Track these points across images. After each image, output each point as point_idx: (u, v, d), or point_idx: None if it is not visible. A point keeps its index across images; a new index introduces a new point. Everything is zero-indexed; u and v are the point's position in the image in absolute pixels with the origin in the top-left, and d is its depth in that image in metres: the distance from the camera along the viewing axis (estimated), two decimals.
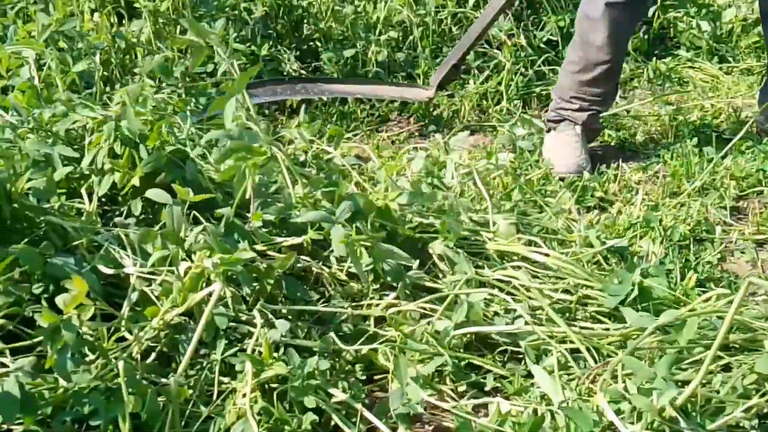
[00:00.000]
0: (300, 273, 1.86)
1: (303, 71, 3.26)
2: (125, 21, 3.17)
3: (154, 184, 1.85)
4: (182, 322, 1.63)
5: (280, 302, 1.75)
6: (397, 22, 3.43)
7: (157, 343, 1.61)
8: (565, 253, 2.03)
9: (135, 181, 1.86)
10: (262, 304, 1.67)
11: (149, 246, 1.70)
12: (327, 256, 1.88)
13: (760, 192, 2.53)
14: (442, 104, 3.12)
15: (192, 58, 1.86)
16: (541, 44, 3.42)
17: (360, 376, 1.67)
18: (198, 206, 1.80)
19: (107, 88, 2.63)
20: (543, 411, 1.51)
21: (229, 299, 1.65)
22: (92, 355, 1.52)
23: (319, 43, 3.38)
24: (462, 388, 1.66)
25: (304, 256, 1.86)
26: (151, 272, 1.65)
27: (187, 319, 1.63)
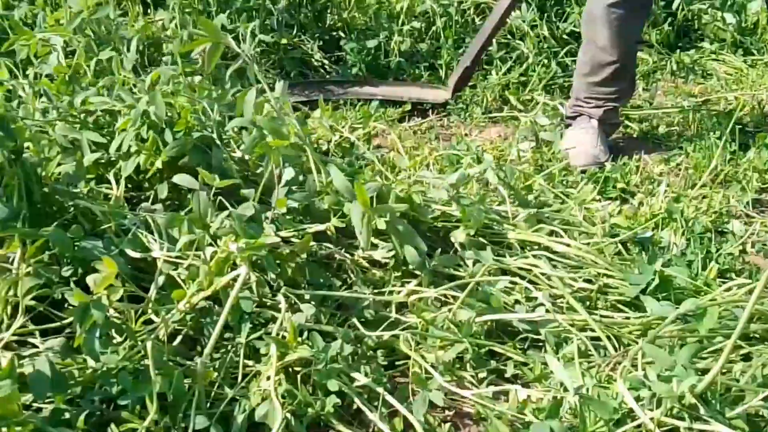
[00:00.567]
0: (323, 260, 1.88)
1: (326, 61, 3.28)
2: (150, 10, 3.21)
3: (179, 170, 1.88)
4: (208, 305, 1.65)
5: (303, 288, 1.78)
6: (420, 13, 3.44)
7: (183, 326, 1.63)
8: (586, 243, 2.04)
9: (158, 163, 1.88)
10: (286, 289, 1.69)
11: (175, 231, 1.73)
12: (350, 243, 1.91)
13: None
14: (465, 95, 3.13)
15: (207, 59, 1.87)
16: (564, 35, 3.42)
17: (382, 361, 1.69)
18: (223, 192, 1.82)
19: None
20: (562, 397, 1.52)
21: (254, 284, 1.67)
22: (120, 338, 1.55)
23: (342, 33, 3.40)
24: (482, 374, 1.68)
25: (327, 243, 1.89)
26: (178, 256, 1.67)
27: (212, 303, 1.66)
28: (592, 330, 1.73)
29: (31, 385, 1.36)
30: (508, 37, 3.36)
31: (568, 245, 1.99)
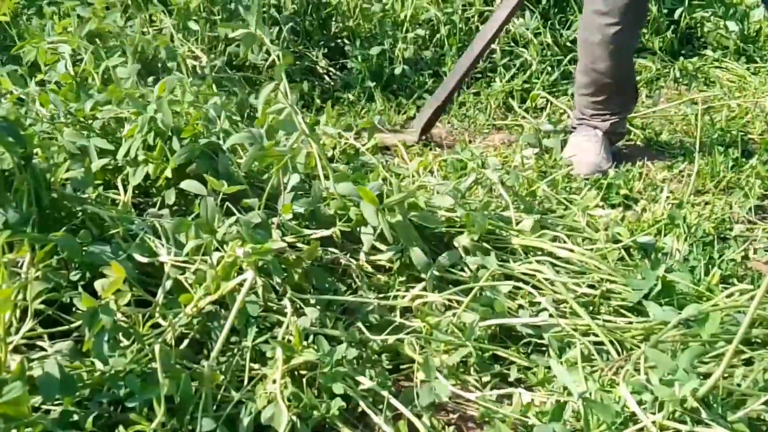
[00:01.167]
0: (328, 265, 1.90)
1: (330, 68, 3.30)
2: (156, 17, 3.22)
3: (186, 176, 1.90)
4: (214, 309, 1.67)
5: (309, 293, 1.79)
6: (425, 21, 3.46)
7: (190, 329, 1.65)
8: (590, 249, 2.06)
9: (168, 172, 1.91)
10: (292, 293, 1.71)
11: (182, 236, 1.75)
12: (355, 249, 1.92)
13: None
14: (468, 102, 3.15)
15: (242, 46, 1.96)
16: (568, 43, 3.43)
17: (386, 365, 1.71)
18: (230, 198, 1.84)
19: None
20: (565, 401, 1.53)
21: (260, 288, 1.69)
22: (127, 341, 1.57)
23: (347, 41, 3.42)
24: (486, 378, 1.69)
25: (332, 248, 1.90)
26: (185, 261, 1.69)
27: (219, 307, 1.68)
28: (595, 334, 1.74)
29: (40, 388, 1.37)
30: (512, 44, 3.38)
31: (571, 251, 2.00)
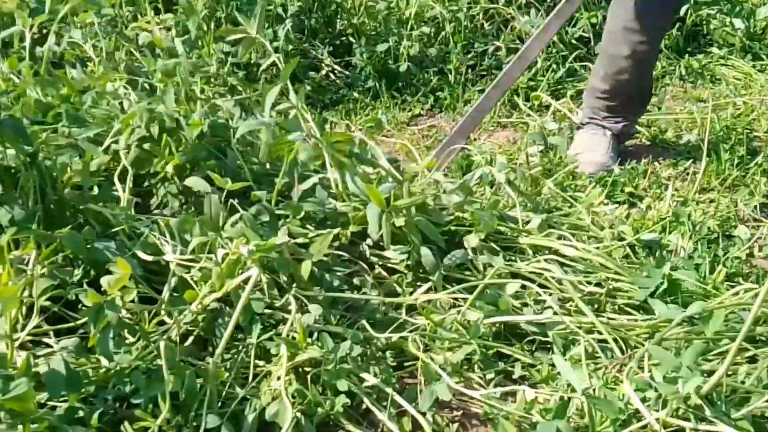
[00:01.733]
0: (335, 263, 1.90)
1: (336, 66, 3.31)
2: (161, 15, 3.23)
3: (191, 172, 1.90)
4: (219, 306, 1.67)
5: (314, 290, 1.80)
6: (430, 18, 3.46)
7: (195, 326, 1.66)
8: (596, 247, 2.05)
9: (169, 168, 1.90)
10: (296, 290, 1.71)
11: (187, 233, 1.75)
12: (362, 246, 1.93)
13: None
14: (473, 98, 3.14)
15: (241, 49, 1.94)
16: (573, 40, 3.43)
17: (391, 362, 1.71)
18: (237, 194, 1.84)
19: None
20: (569, 398, 1.53)
21: (265, 285, 1.69)
22: (133, 338, 1.58)
23: (352, 39, 3.42)
24: (490, 375, 1.69)
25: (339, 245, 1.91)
26: (190, 258, 1.69)
27: (224, 304, 1.68)
28: (600, 332, 1.74)
29: (46, 384, 1.38)
30: (517, 41, 3.38)
31: (577, 249, 2.00)
